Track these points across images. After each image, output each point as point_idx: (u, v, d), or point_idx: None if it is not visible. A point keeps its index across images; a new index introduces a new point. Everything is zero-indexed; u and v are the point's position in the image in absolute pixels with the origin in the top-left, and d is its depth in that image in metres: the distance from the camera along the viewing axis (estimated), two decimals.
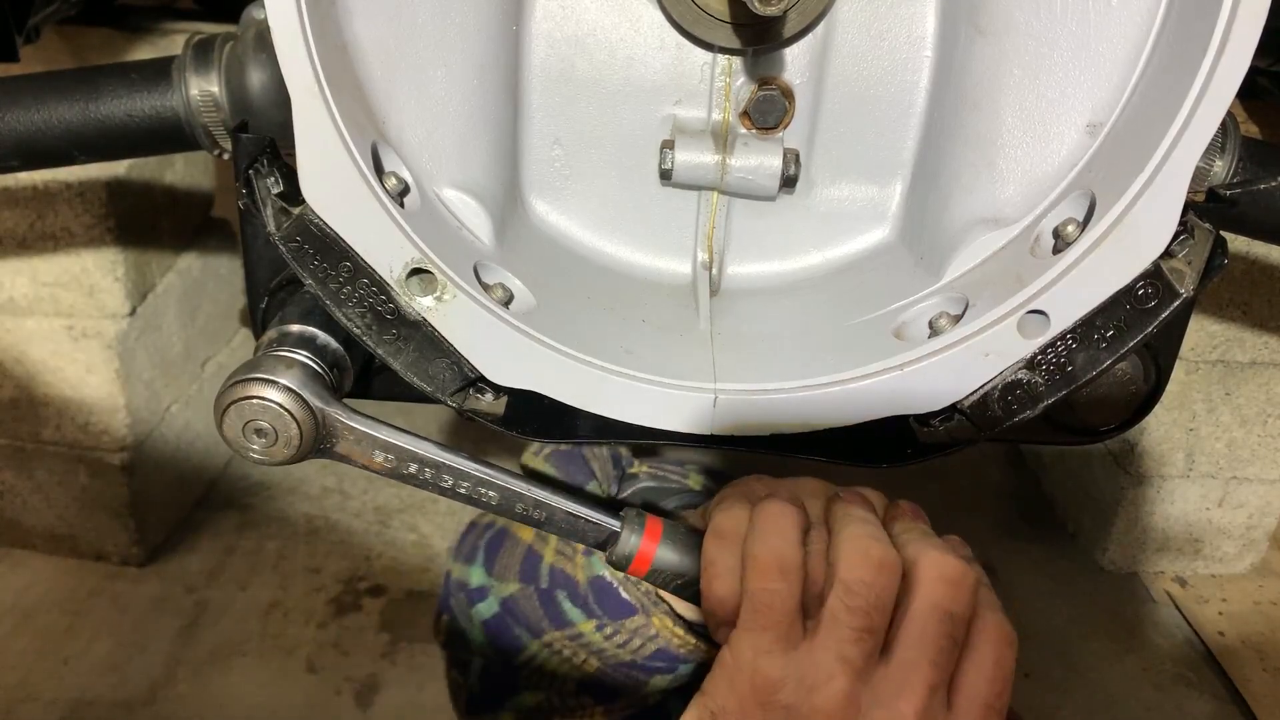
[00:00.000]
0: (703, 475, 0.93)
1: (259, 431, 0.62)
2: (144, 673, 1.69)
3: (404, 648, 1.76)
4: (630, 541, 0.66)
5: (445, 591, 0.89)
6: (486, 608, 0.85)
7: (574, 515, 0.66)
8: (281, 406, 0.62)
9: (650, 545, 0.66)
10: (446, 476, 0.65)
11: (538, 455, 0.91)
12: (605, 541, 0.67)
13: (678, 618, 0.79)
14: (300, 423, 0.62)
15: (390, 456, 0.64)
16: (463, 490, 0.65)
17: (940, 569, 0.60)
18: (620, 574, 0.80)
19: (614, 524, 0.67)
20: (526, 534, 0.87)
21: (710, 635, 0.69)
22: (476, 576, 0.87)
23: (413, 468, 0.65)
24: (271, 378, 0.62)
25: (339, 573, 1.91)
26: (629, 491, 0.91)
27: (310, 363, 0.64)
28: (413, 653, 1.75)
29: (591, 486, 0.88)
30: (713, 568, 0.64)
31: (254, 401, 0.61)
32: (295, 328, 0.67)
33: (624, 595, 0.80)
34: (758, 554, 0.62)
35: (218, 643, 1.75)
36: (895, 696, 0.56)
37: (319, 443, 0.64)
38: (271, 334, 0.67)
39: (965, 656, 0.60)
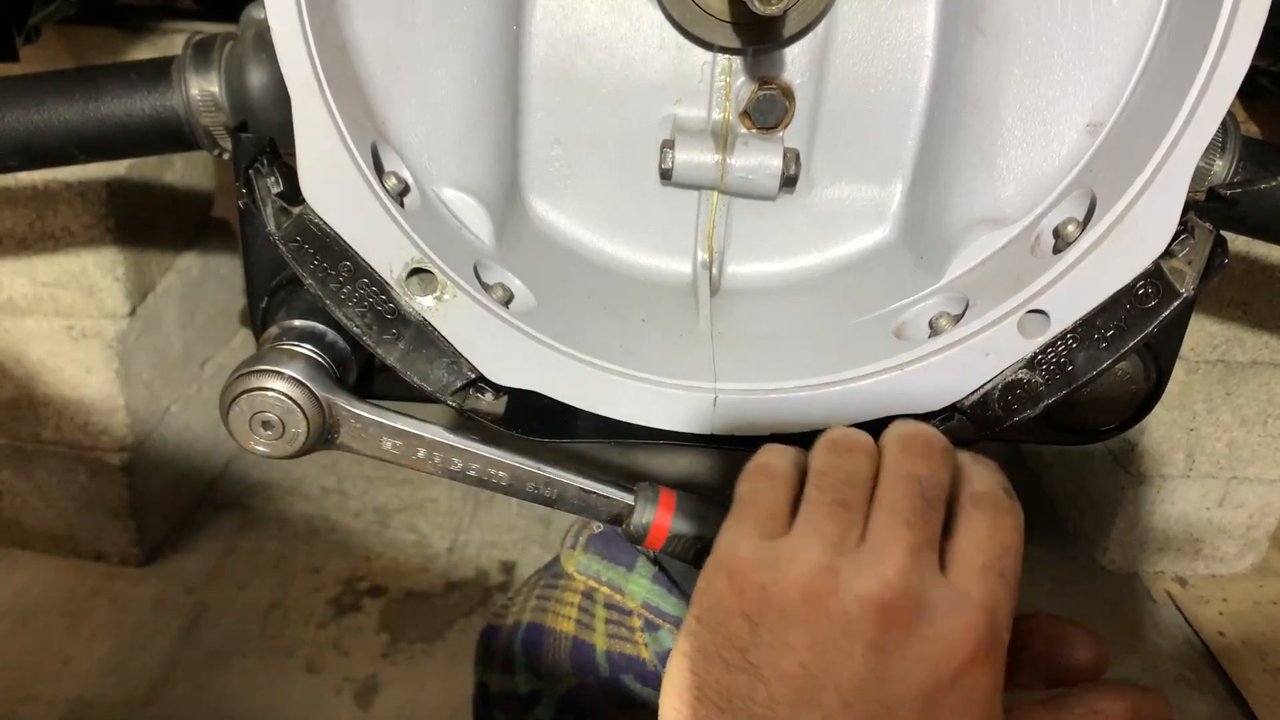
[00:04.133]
0: None
1: (265, 424, 0.63)
2: (144, 673, 1.69)
3: (404, 648, 1.76)
4: (646, 513, 0.66)
5: (484, 707, 0.85)
6: (544, 712, 0.82)
7: (586, 491, 0.66)
8: (288, 397, 0.62)
9: (665, 515, 0.66)
10: (455, 460, 0.65)
11: (573, 550, 0.86)
12: (619, 516, 0.66)
13: None
14: (307, 413, 0.62)
15: (398, 443, 0.64)
16: (472, 472, 0.65)
17: (901, 438, 0.58)
18: None
19: (626, 497, 0.66)
20: (566, 625, 0.83)
21: None
22: (524, 684, 0.84)
23: (421, 453, 0.65)
24: (277, 369, 0.62)
25: (339, 573, 1.91)
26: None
27: (315, 355, 0.65)
28: (413, 653, 1.75)
29: (641, 563, 0.85)
30: None
31: (260, 393, 0.62)
32: (298, 323, 0.67)
33: None
34: (748, 464, 0.60)
35: (217, 643, 1.75)
36: (876, 561, 0.53)
37: (326, 433, 0.64)
38: (274, 330, 0.67)
39: (956, 522, 0.57)
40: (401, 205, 0.63)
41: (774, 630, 0.52)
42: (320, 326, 0.67)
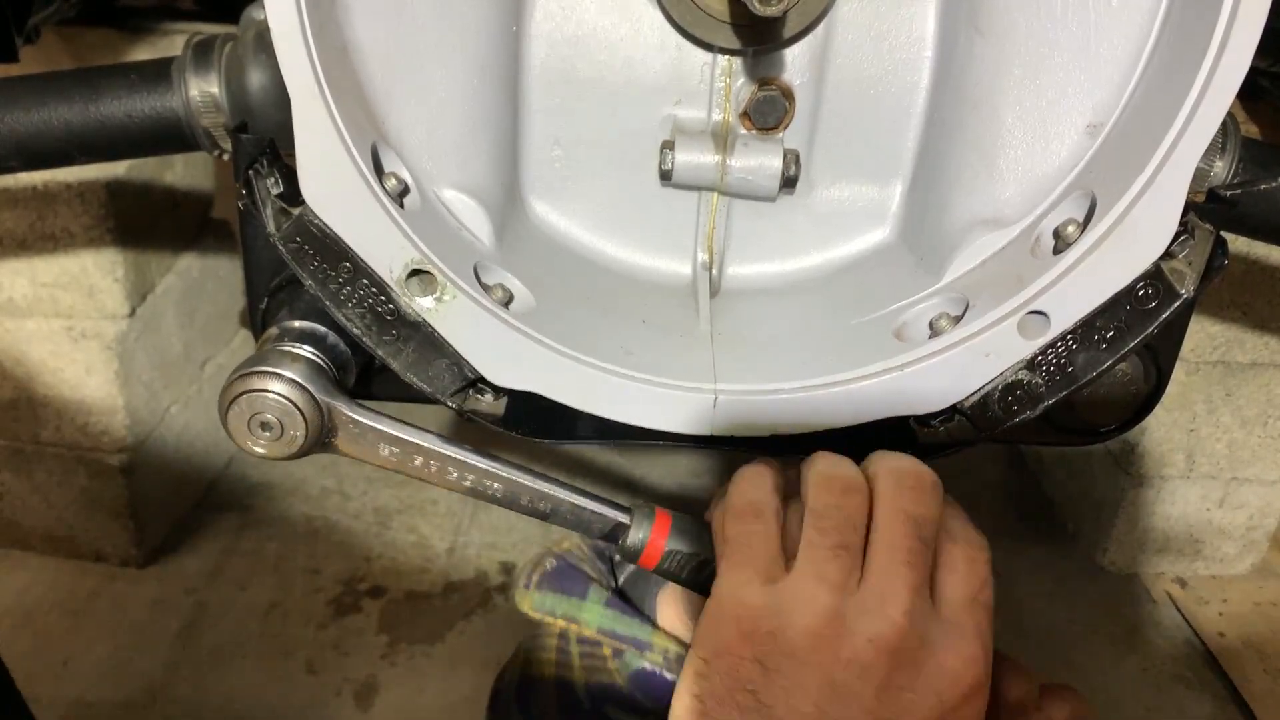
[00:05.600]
0: None
1: (264, 425, 0.63)
2: (144, 673, 1.68)
3: (404, 648, 1.76)
4: (641, 532, 0.66)
5: None
6: None
7: (579, 506, 0.66)
8: (288, 399, 0.62)
9: (661, 534, 0.66)
10: (452, 469, 0.65)
11: (528, 590, 0.86)
12: (611, 532, 0.67)
13: None
14: (306, 416, 0.62)
15: (395, 450, 0.64)
16: (468, 483, 0.65)
17: (895, 474, 0.60)
18: (659, 657, 0.79)
19: (621, 515, 0.66)
20: (548, 670, 0.84)
21: None
22: None
23: (417, 461, 0.65)
24: (277, 370, 0.62)
25: (339, 574, 1.91)
26: (623, 578, 0.89)
27: (315, 357, 0.64)
28: (413, 653, 1.75)
29: (593, 591, 0.85)
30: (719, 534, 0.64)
31: (260, 395, 0.62)
32: (298, 324, 0.67)
33: (669, 677, 0.79)
34: (735, 503, 0.62)
35: (217, 644, 1.75)
36: (881, 604, 0.55)
37: (324, 436, 0.64)
38: (274, 330, 0.67)
39: (937, 561, 0.59)
40: (401, 206, 0.63)
41: (786, 674, 0.54)
42: (320, 328, 0.67)
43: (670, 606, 0.79)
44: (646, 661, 0.80)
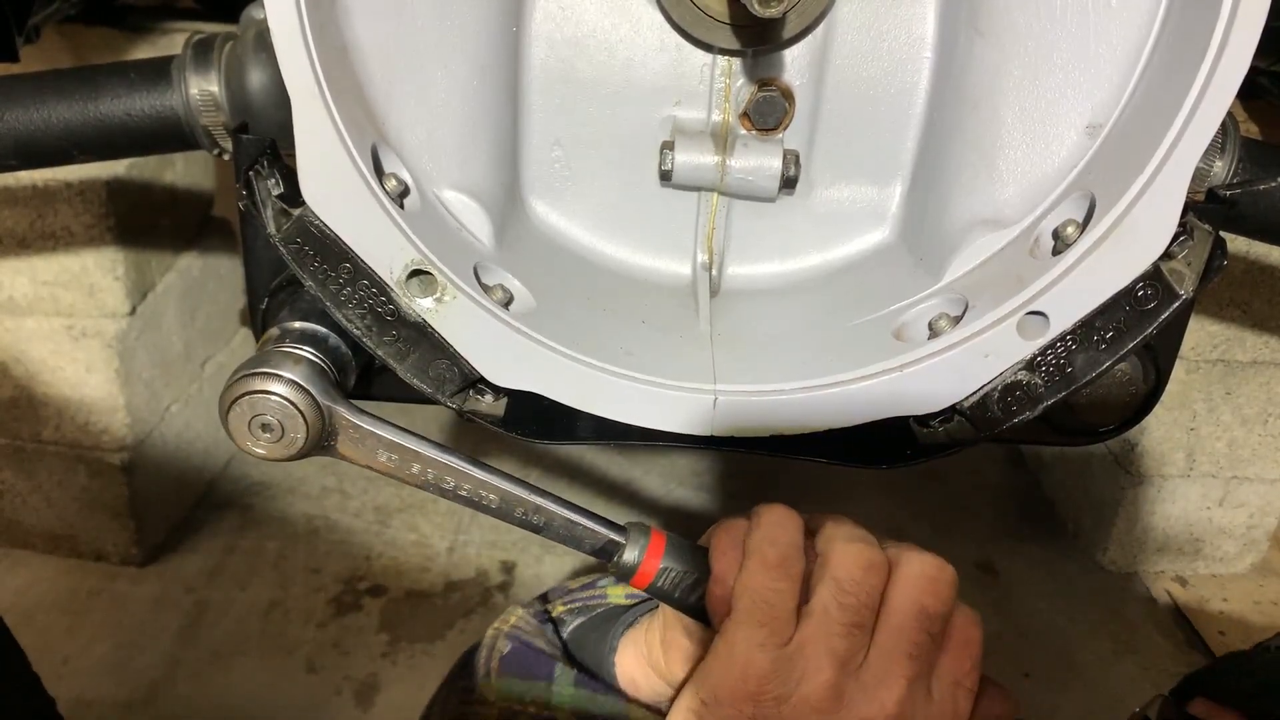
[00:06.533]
0: (619, 584, 0.90)
1: (265, 426, 0.62)
2: (144, 673, 1.69)
3: (404, 648, 1.76)
4: (635, 550, 0.66)
5: None
6: None
7: (572, 521, 0.66)
8: (289, 401, 0.62)
9: (655, 556, 0.66)
10: (448, 478, 0.65)
11: (489, 680, 0.84)
12: (602, 549, 0.66)
13: None
14: (307, 418, 0.62)
15: (393, 456, 0.64)
16: (464, 493, 0.65)
17: (921, 567, 0.63)
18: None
19: (613, 534, 0.66)
20: None
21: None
22: None
23: (415, 468, 0.65)
24: (279, 372, 0.62)
25: (339, 573, 1.91)
26: (567, 634, 0.88)
27: (316, 359, 0.64)
28: (413, 653, 1.75)
29: (559, 670, 0.83)
30: (725, 559, 0.65)
31: (261, 396, 0.62)
32: (299, 324, 0.67)
33: None
34: (766, 553, 0.63)
35: (218, 643, 1.75)
36: (877, 686, 0.59)
37: (324, 439, 0.64)
38: (275, 331, 0.67)
39: (939, 646, 0.63)
40: (401, 207, 0.63)
41: None
42: (321, 329, 0.66)
43: (629, 655, 0.80)
44: None
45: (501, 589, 1.91)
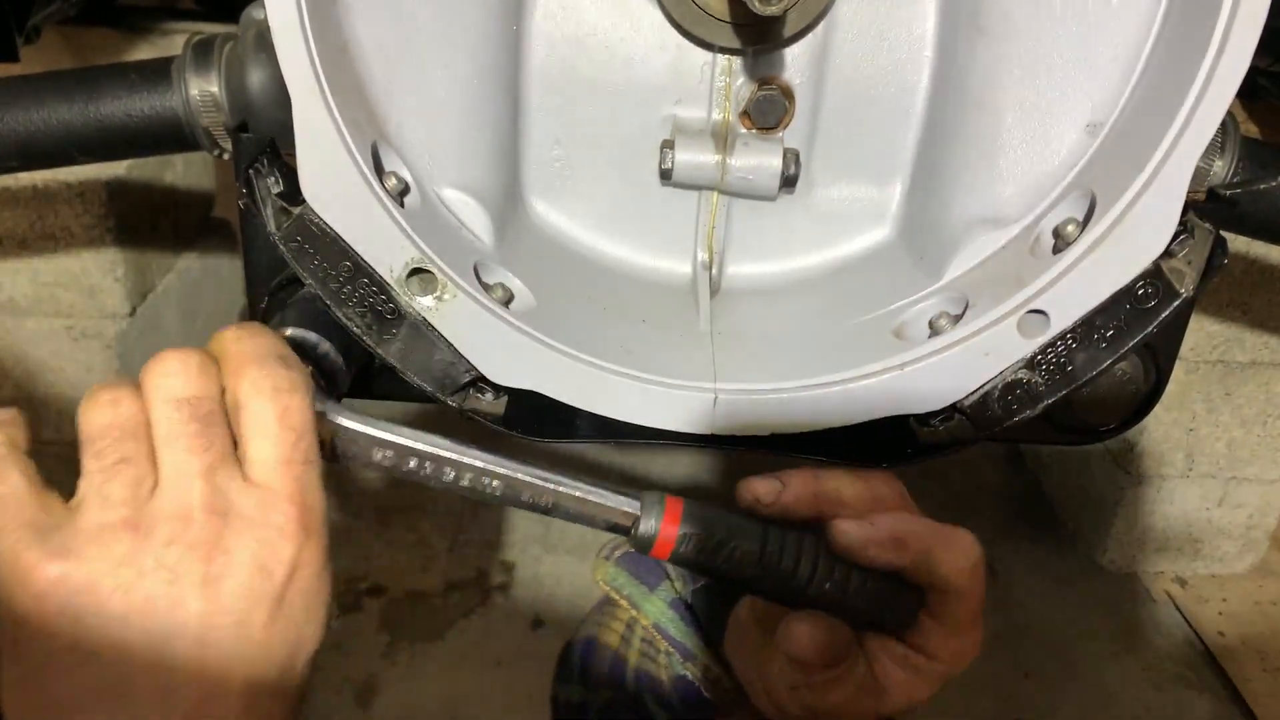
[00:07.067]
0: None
1: None
2: None
3: (404, 648, 1.76)
4: (652, 519, 0.63)
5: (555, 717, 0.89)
6: None
7: (582, 499, 0.63)
8: None
9: (673, 523, 0.63)
10: (448, 469, 0.63)
11: (605, 561, 0.86)
12: (618, 524, 0.64)
13: (759, 715, 0.75)
14: None
15: (388, 453, 0.63)
16: (466, 483, 0.63)
17: (154, 365, 0.55)
18: (699, 672, 0.79)
19: (627, 505, 0.63)
20: (613, 639, 0.85)
21: None
22: (576, 693, 0.86)
23: (413, 463, 0.63)
24: None
25: (339, 573, 1.91)
26: (692, 588, 0.87)
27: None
28: (413, 653, 1.75)
29: (663, 587, 0.85)
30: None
31: None
32: (290, 332, 0.66)
33: (705, 694, 0.79)
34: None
35: None
36: (175, 504, 0.52)
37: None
38: None
39: (240, 432, 0.55)
40: (402, 205, 0.63)
41: (104, 625, 0.50)
42: (311, 336, 0.66)
43: (735, 640, 0.77)
44: (687, 671, 0.80)
45: (501, 589, 1.91)
